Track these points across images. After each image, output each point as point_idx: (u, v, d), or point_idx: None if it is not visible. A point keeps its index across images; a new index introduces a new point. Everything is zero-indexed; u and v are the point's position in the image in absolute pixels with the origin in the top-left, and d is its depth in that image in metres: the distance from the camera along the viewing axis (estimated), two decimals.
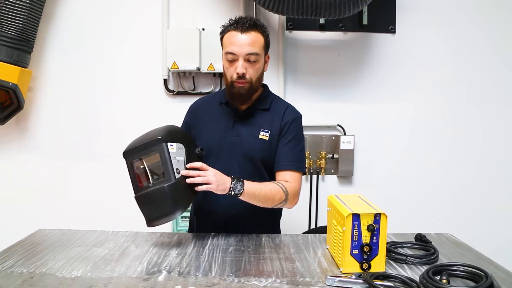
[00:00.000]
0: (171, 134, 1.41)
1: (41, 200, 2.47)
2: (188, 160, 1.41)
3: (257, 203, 1.49)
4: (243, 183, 1.44)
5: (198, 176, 1.38)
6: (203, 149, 1.49)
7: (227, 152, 1.60)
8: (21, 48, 2.22)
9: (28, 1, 2.16)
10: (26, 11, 2.17)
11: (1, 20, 2.14)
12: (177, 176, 1.35)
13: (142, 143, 1.39)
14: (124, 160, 1.42)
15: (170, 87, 2.47)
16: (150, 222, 1.37)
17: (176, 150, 1.38)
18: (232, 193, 1.43)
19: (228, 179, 1.43)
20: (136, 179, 1.38)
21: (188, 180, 1.37)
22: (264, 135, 1.60)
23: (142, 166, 1.38)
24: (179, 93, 2.46)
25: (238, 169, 1.59)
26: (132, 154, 1.39)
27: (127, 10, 2.45)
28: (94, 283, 1.11)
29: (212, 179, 1.39)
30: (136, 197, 1.38)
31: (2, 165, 2.48)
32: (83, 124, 2.48)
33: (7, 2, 2.13)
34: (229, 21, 1.57)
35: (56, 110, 2.47)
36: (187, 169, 1.38)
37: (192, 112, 1.74)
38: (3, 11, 2.13)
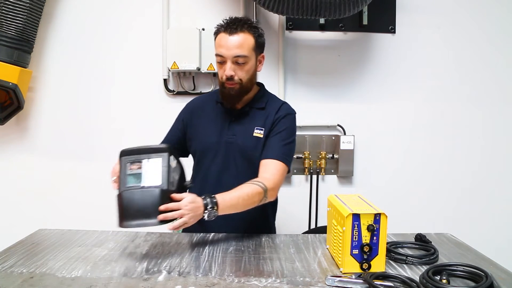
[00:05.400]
0: (173, 152, 1.40)
1: (41, 200, 2.47)
2: (178, 184, 1.38)
3: (239, 210, 1.44)
4: (217, 203, 1.35)
5: (173, 217, 1.29)
6: (192, 183, 1.48)
7: (224, 152, 1.60)
8: (21, 48, 2.22)
9: (28, 1, 2.16)
10: (26, 11, 2.17)
11: (1, 20, 2.14)
12: (171, 188, 1.32)
13: (145, 147, 1.38)
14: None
15: (170, 87, 2.47)
16: (124, 221, 1.29)
17: (174, 167, 1.37)
18: (206, 217, 1.34)
19: (200, 206, 1.33)
20: (125, 179, 1.34)
21: (170, 226, 1.28)
22: (258, 133, 1.60)
23: (137, 168, 1.34)
24: (179, 93, 2.46)
25: (235, 168, 1.59)
26: (131, 154, 1.37)
27: (127, 10, 2.45)
28: (94, 283, 1.11)
29: (185, 214, 1.29)
30: (120, 193, 1.32)
31: (2, 165, 2.48)
32: (83, 124, 2.48)
33: (7, 2, 2.12)
34: (222, 21, 1.57)
35: (56, 110, 2.47)
36: (161, 212, 1.28)
37: (189, 111, 1.74)
38: (3, 11, 2.13)
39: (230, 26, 1.53)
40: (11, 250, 1.35)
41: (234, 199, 1.41)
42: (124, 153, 1.38)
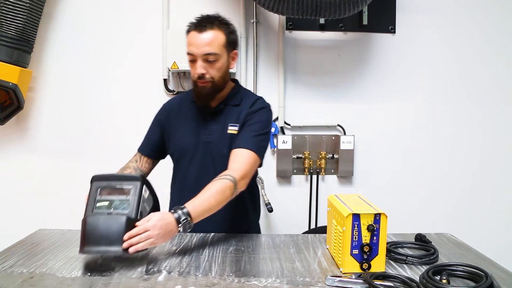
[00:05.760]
0: (148, 183, 1.37)
1: (41, 200, 2.47)
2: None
3: (215, 211, 1.39)
4: (189, 213, 1.29)
5: (139, 241, 1.21)
6: None
7: (202, 152, 1.59)
8: (21, 48, 2.22)
9: (28, 1, 2.16)
10: (26, 11, 2.17)
11: (1, 20, 2.14)
12: (139, 218, 1.27)
13: (118, 175, 1.35)
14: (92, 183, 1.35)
15: (170, 87, 2.47)
16: (85, 246, 1.21)
17: (146, 197, 1.34)
18: (182, 230, 1.28)
19: (171, 221, 1.26)
20: (93, 204, 1.28)
21: (131, 250, 1.20)
22: (233, 129, 1.58)
23: (106, 194, 1.30)
24: (179, 93, 2.45)
25: (213, 167, 1.56)
26: (103, 180, 1.33)
27: (127, 10, 2.45)
28: (94, 283, 1.11)
29: (154, 234, 1.22)
30: (85, 218, 1.25)
31: (2, 165, 2.48)
32: (83, 124, 2.48)
33: (7, 2, 2.12)
34: (194, 19, 1.56)
35: (56, 110, 2.47)
36: (125, 240, 1.21)
37: (165, 112, 1.72)
38: (3, 11, 2.13)
39: (200, 23, 1.52)
40: (11, 250, 1.35)
41: (205, 202, 1.35)
42: (96, 179, 1.35)
